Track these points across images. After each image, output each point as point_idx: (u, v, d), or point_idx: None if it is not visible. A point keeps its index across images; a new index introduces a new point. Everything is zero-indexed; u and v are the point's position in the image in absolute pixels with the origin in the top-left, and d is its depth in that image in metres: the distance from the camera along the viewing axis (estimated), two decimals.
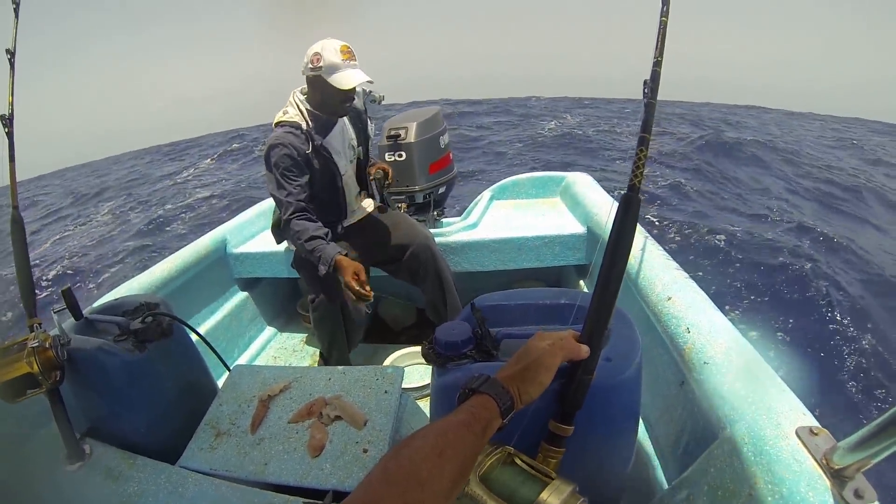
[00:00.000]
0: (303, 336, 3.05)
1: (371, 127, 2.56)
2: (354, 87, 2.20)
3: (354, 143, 2.48)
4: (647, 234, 2.13)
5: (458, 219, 2.91)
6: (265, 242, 2.97)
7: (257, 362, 2.80)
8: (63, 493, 1.34)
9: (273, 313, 3.20)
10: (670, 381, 1.61)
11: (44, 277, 7.93)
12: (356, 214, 2.53)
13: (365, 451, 1.30)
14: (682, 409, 1.51)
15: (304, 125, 2.24)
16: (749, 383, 1.19)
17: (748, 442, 1.05)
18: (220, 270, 2.85)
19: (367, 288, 2.04)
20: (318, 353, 2.85)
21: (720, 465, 1.09)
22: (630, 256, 2.02)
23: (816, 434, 0.98)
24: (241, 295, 2.95)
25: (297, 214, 2.18)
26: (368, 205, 2.55)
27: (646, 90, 1.00)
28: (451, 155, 3.00)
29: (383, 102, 2.64)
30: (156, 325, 1.50)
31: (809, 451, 0.95)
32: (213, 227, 3.00)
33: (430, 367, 1.07)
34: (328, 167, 2.32)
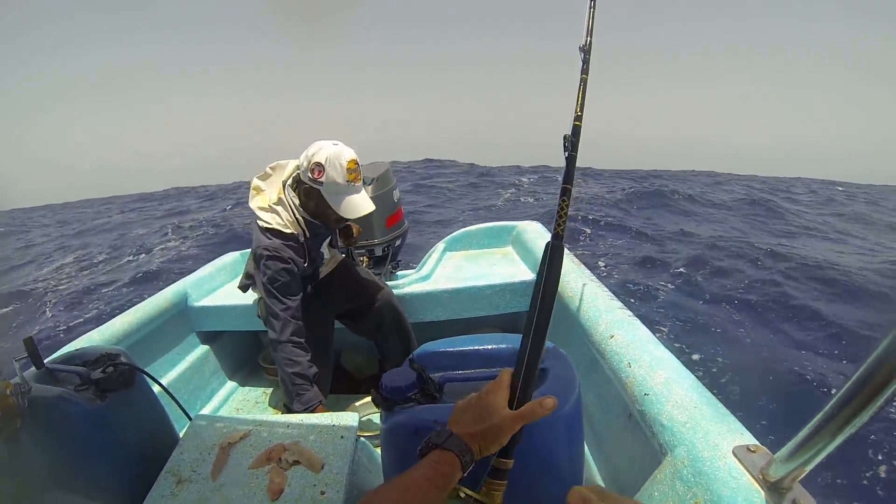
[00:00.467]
0: (265, 389, 3.07)
1: None
2: None
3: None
4: (593, 277, 2.26)
5: (412, 271, 3.01)
6: (226, 296, 3.02)
7: (222, 412, 2.81)
8: None
9: (235, 366, 3.21)
10: (619, 413, 1.71)
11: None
12: (323, 271, 2.52)
13: (322, 493, 1.36)
14: (632, 440, 1.60)
15: (301, 237, 2.15)
16: (687, 410, 1.26)
17: (687, 464, 1.12)
18: (180, 323, 2.87)
19: None
20: (281, 404, 2.88)
21: (663, 488, 1.17)
22: (575, 298, 2.13)
23: (754, 451, 1.06)
24: (203, 348, 2.97)
25: (293, 337, 2.11)
26: (334, 260, 2.56)
27: (566, 144, 1.08)
28: (402, 209, 3.11)
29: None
30: (117, 376, 1.54)
31: (746, 468, 1.02)
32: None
33: None
34: (316, 268, 2.35)
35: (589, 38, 1.28)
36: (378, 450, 1.73)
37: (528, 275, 2.74)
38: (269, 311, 2.14)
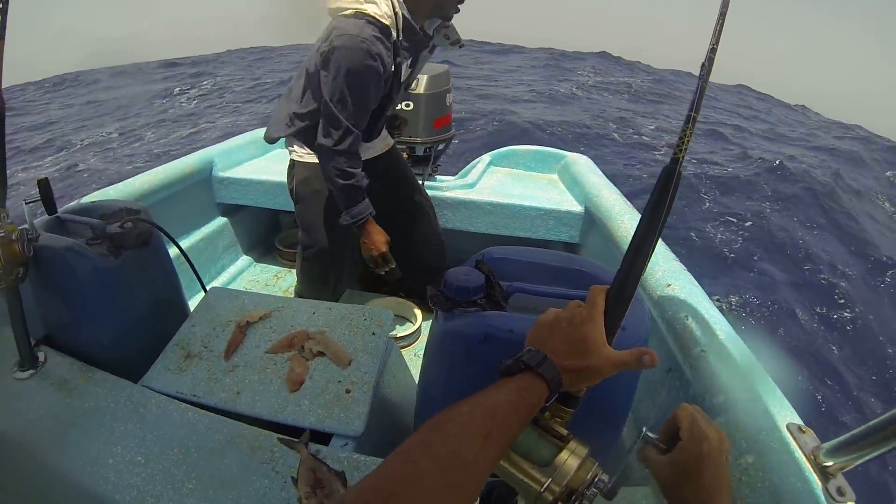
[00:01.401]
0: (277, 270, 2.99)
1: (424, 60, 2.10)
2: None
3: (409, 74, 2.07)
4: None
5: (451, 177, 2.86)
6: (252, 170, 2.88)
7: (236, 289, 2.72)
8: (10, 401, 1.24)
9: (250, 244, 3.11)
10: (657, 367, 1.59)
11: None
12: (375, 149, 2.22)
13: (348, 391, 1.23)
14: (667, 395, 1.51)
15: (394, 34, 1.74)
16: (742, 378, 1.21)
17: (741, 430, 1.08)
18: (202, 192, 2.74)
19: (392, 264, 2.01)
20: (291, 289, 2.78)
21: None
22: (630, 240, 2.01)
23: (804, 432, 1.03)
24: (221, 220, 2.85)
25: (352, 148, 1.82)
26: (385, 143, 2.29)
27: (702, 71, 0.97)
28: (451, 115, 2.94)
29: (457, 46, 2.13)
30: (135, 233, 1.40)
31: (799, 446, 1.00)
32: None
33: (414, 319, 1.00)
34: (390, 95, 1.93)
35: None
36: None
37: (574, 205, 2.59)
38: (328, 115, 1.77)
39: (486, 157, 3.14)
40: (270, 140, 2.13)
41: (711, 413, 1.17)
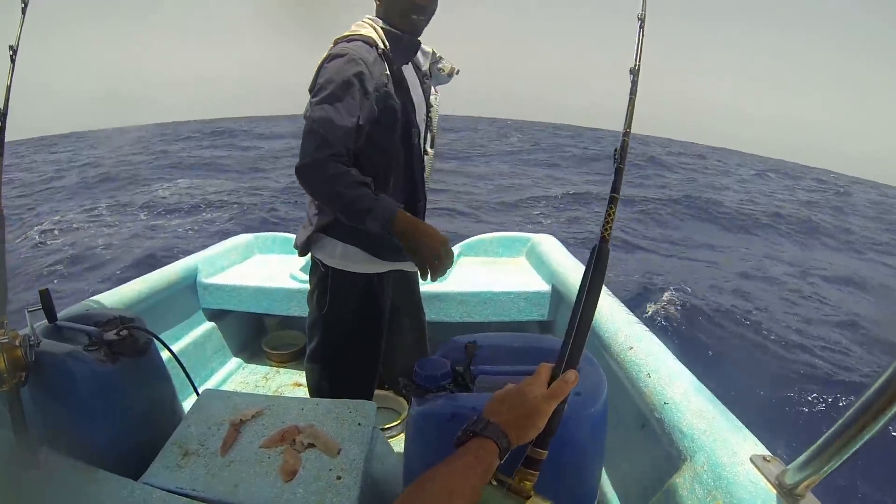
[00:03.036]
0: (266, 371, 3.04)
1: (435, 98, 1.91)
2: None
3: (425, 101, 1.85)
4: (610, 293, 2.29)
5: None
6: (235, 276, 3.01)
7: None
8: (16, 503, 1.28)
9: (238, 347, 3.18)
10: (631, 425, 1.71)
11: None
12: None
13: (339, 478, 1.31)
14: (644, 449, 1.60)
15: (380, 44, 1.64)
16: (706, 419, 1.31)
17: (707, 469, 1.17)
18: (188, 298, 2.84)
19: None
20: (281, 390, 2.83)
21: (683, 492, 1.21)
22: (596, 311, 2.15)
23: (769, 461, 1.11)
24: (208, 325, 2.93)
25: (337, 158, 1.54)
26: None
27: (616, 156, 1.10)
28: None
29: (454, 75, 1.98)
30: (131, 341, 1.50)
31: (763, 475, 1.07)
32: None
33: (401, 410, 1.07)
34: (406, 112, 1.70)
35: (638, 63, 1.30)
36: (389, 442, 1.70)
37: (542, 285, 2.75)
38: (308, 127, 1.57)
39: (455, 249, 3.27)
40: (301, 252, 1.90)
41: (679, 458, 1.29)
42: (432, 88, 1.91)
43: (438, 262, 1.58)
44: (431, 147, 1.91)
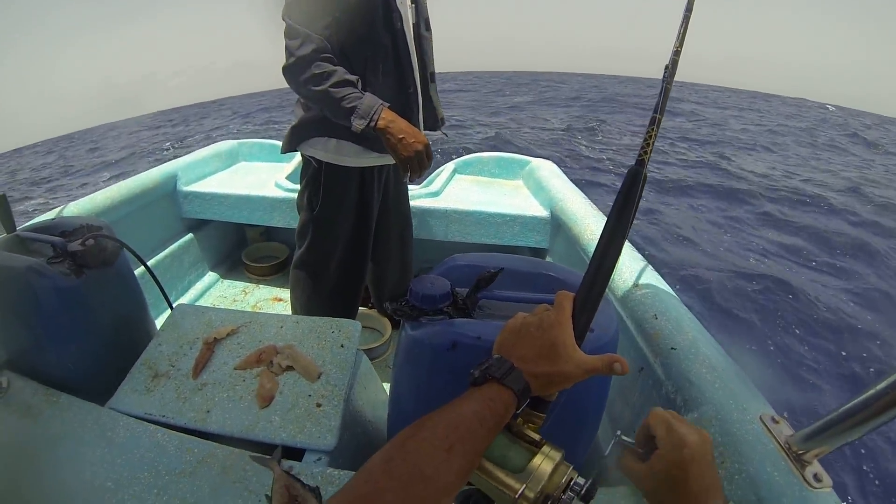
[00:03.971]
0: (244, 285, 2.95)
1: None
2: None
3: None
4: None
5: (417, 187, 2.85)
6: (217, 184, 2.85)
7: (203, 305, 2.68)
8: None
9: (216, 259, 3.06)
10: (629, 366, 1.62)
11: None
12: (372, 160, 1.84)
13: (318, 405, 1.23)
14: (639, 394, 1.53)
15: None
16: (715, 370, 1.22)
17: (715, 424, 1.09)
18: (166, 207, 2.69)
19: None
20: (260, 304, 2.73)
21: None
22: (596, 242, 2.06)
23: (777, 422, 1.05)
24: (186, 236, 2.79)
25: (318, 53, 1.53)
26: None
27: (665, 74, 0.98)
28: None
29: None
30: (97, 250, 1.36)
31: (773, 435, 1.02)
32: None
33: (383, 331, 0.98)
34: (386, 2, 1.64)
35: None
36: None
37: (540, 210, 2.63)
38: (287, 28, 1.56)
39: (450, 165, 3.16)
40: (288, 149, 1.88)
41: (684, 409, 1.21)
42: None
43: (419, 161, 1.62)
44: (427, 30, 1.83)
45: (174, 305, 1.61)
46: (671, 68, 1.02)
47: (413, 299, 1.01)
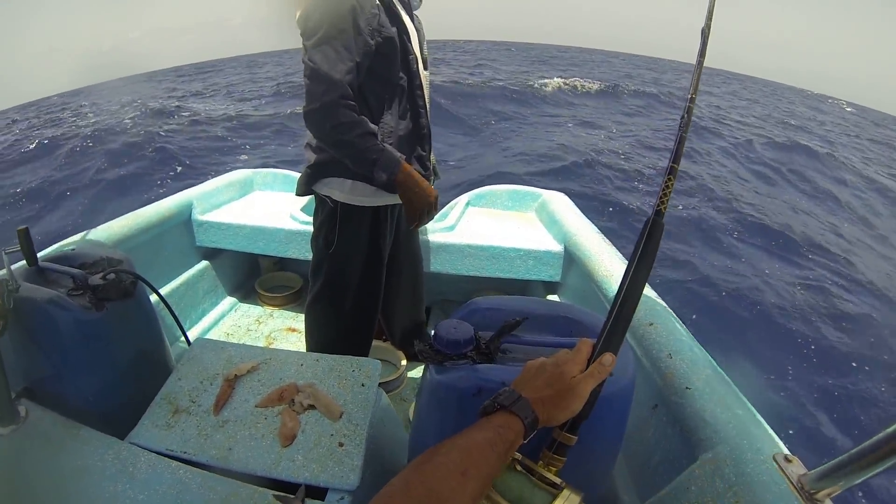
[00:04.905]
0: (259, 314, 2.95)
1: (419, 22, 1.89)
2: None
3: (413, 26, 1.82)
4: (625, 259, 2.17)
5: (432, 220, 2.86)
6: (231, 214, 2.86)
7: (210, 335, 2.67)
8: None
9: (231, 288, 3.08)
10: (643, 403, 1.62)
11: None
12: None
13: (341, 444, 1.22)
14: (654, 431, 1.52)
15: None
16: (730, 410, 1.25)
17: (729, 464, 1.10)
18: (181, 235, 2.71)
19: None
20: (274, 334, 2.74)
21: (701, 484, 1.14)
22: (611, 278, 2.05)
23: (790, 461, 1.06)
24: (201, 264, 2.81)
25: (343, 99, 1.54)
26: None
27: (681, 123, 1.00)
28: None
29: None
30: (117, 284, 1.38)
31: (786, 475, 1.03)
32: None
33: (398, 364, 0.98)
34: (402, 40, 1.69)
35: (709, 22, 1.15)
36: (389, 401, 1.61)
37: (553, 245, 2.63)
38: (310, 72, 1.55)
39: (463, 198, 3.18)
40: (303, 193, 1.92)
41: (699, 448, 1.22)
42: (415, 13, 1.89)
43: (428, 213, 1.78)
44: (426, 69, 1.89)
45: (192, 340, 1.62)
46: (686, 117, 1.04)
47: (438, 344, 1.01)
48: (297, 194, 1.93)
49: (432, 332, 1.04)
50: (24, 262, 1.37)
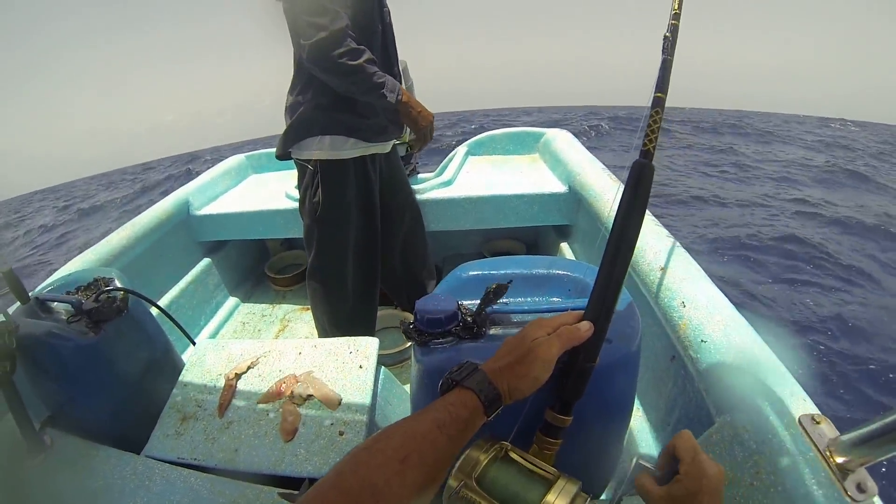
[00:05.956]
0: (272, 299, 2.96)
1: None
2: None
3: None
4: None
5: (431, 175, 2.78)
6: (230, 202, 2.84)
7: (224, 331, 2.69)
8: (25, 489, 1.22)
9: (239, 278, 3.08)
10: (660, 354, 1.55)
11: None
12: (385, 145, 1.98)
13: (341, 433, 1.22)
14: (673, 385, 1.46)
15: None
16: (749, 367, 1.14)
17: (750, 430, 1.01)
18: (182, 234, 2.70)
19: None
20: (288, 317, 2.74)
21: (719, 451, 1.05)
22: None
23: (819, 423, 0.95)
24: (206, 260, 2.80)
25: (350, 32, 1.60)
26: (391, 139, 2.03)
27: (664, 45, 0.92)
28: None
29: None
30: (110, 302, 1.38)
31: (813, 442, 0.92)
32: None
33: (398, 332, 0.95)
34: (381, 14, 1.79)
35: None
36: (393, 371, 1.59)
37: (558, 186, 2.53)
38: (310, 5, 1.57)
39: (462, 149, 3.08)
40: (280, 157, 1.95)
41: (716, 409, 1.13)
42: None
43: (430, 131, 1.88)
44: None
45: (196, 340, 1.63)
46: (672, 36, 0.93)
47: (419, 322, 0.94)
48: (276, 156, 1.94)
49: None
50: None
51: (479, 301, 0.98)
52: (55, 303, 1.41)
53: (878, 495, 0.83)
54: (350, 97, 1.73)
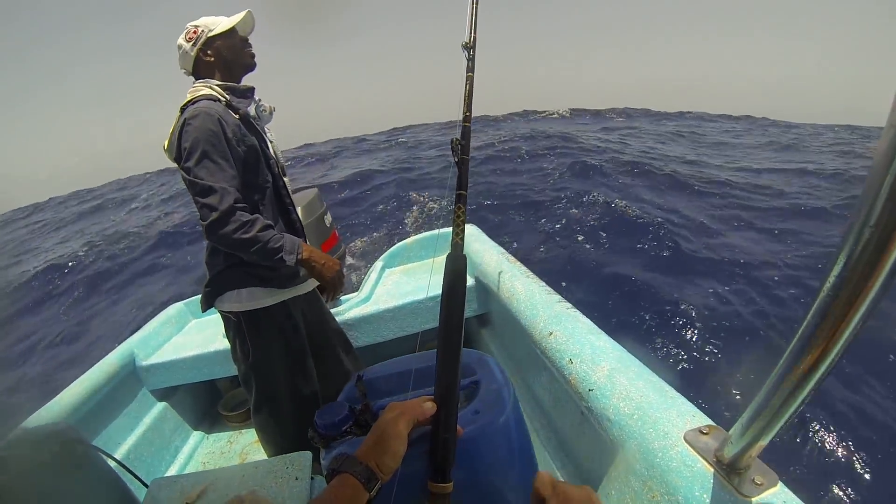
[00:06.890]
0: (229, 436, 3.04)
1: (271, 133, 2.10)
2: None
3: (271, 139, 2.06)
4: (529, 273, 2.28)
5: (353, 294, 2.98)
6: (175, 349, 2.97)
7: (187, 471, 2.75)
8: None
9: (196, 419, 3.16)
10: (572, 409, 1.69)
11: None
12: (306, 286, 2.14)
13: None
14: (587, 436, 1.58)
15: (222, 97, 1.85)
16: (633, 400, 1.23)
17: (639, 458, 1.10)
18: (131, 385, 2.81)
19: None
20: (247, 450, 2.84)
21: (619, 485, 1.16)
22: (513, 299, 2.14)
23: (706, 433, 1.03)
24: (159, 406, 2.90)
25: (237, 204, 1.72)
26: (309, 283, 2.19)
27: (455, 148, 1.02)
28: (336, 232, 3.11)
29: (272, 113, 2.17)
30: (66, 459, 1.48)
31: (699, 453, 0.99)
32: None
33: None
34: (262, 147, 1.93)
35: (473, 35, 1.24)
36: None
37: (468, 279, 2.70)
38: (200, 191, 1.71)
39: (378, 264, 3.30)
40: (204, 308, 2.07)
41: (612, 448, 1.24)
42: (265, 127, 2.08)
43: (339, 280, 1.98)
44: (284, 175, 2.09)
45: (168, 471, 1.71)
46: (462, 139, 1.01)
47: (320, 430, 1.11)
48: (202, 311, 2.08)
49: None
50: None
51: (387, 398, 1.16)
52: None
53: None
54: None
